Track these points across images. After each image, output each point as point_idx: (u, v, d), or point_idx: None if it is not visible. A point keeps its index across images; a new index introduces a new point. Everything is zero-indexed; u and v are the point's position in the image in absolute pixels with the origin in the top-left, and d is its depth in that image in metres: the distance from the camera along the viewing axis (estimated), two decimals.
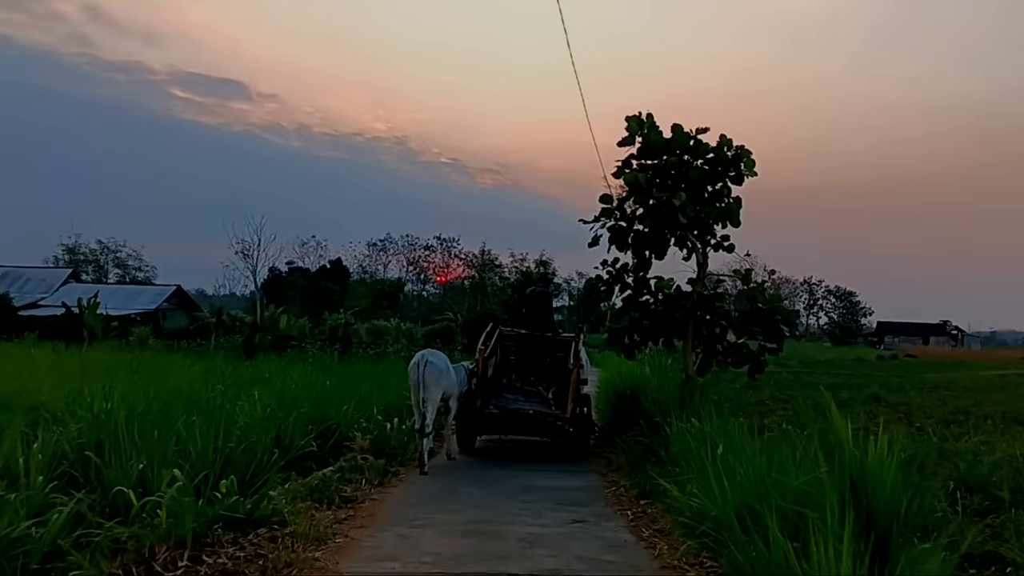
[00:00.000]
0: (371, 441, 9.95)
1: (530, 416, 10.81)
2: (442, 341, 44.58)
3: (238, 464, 7.18)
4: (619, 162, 9.64)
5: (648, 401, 10.12)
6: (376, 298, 59.10)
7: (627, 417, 11.65)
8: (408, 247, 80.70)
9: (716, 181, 9.46)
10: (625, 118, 9.46)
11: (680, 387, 9.78)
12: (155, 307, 51.05)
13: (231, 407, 9.37)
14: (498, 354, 12.23)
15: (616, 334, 10.26)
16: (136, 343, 31.71)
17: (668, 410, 8.94)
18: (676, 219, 9.08)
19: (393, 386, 14.22)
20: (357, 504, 7.44)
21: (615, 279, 10.21)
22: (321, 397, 11.17)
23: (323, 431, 10.05)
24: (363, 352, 33.72)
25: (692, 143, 9.41)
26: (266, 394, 10.83)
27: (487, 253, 55.62)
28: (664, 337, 10.04)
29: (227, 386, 12.23)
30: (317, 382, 13.32)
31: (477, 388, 10.90)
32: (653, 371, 13.24)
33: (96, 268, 70.92)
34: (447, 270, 76.18)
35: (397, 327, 51.15)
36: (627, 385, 12.40)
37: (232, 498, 6.37)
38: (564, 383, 11.32)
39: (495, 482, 8.65)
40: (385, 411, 12.46)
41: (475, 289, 55.17)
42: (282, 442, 8.95)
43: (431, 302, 76.06)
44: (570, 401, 10.63)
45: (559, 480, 8.95)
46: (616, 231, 9.82)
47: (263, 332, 31.33)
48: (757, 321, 9.66)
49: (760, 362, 9.81)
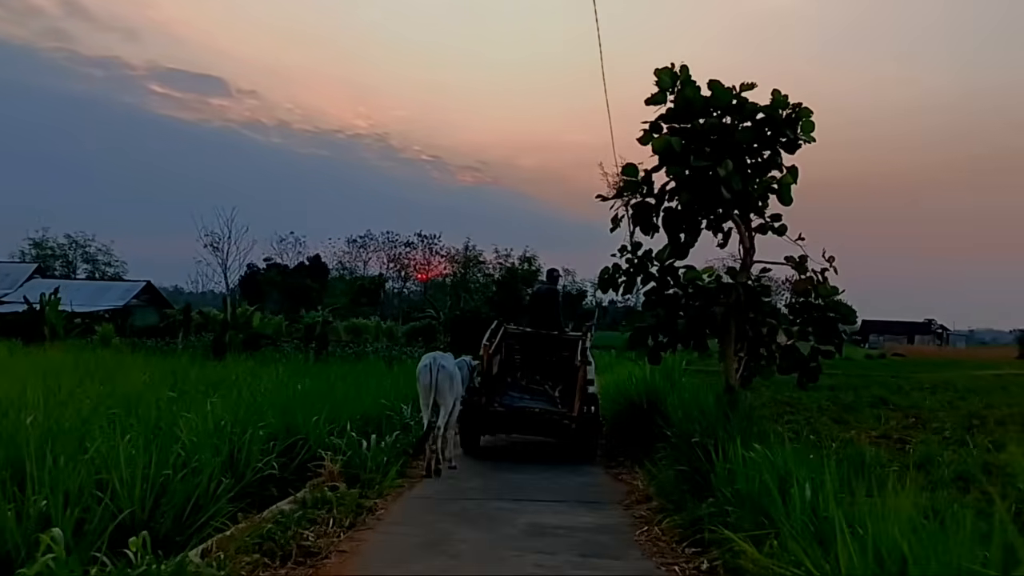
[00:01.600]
0: (343, 464, 8.19)
1: (536, 414, 10.56)
2: (424, 340, 42.90)
3: (176, 496, 5.64)
4: (645, 124, 7.89)
5: (679, 416, 8.35)
6: (355, 295, 57.14)
7: (642, 432, 10.00)
8: (388, 244, 79.17)
9: (766, 148, 7.73)
10: (654, 71, 7.71)
11: (719, 398, 8.05)
12: (124, 304, 49.09)
13: (181, 418, 7.67)
14: (502, 352, 11.87)
15: (639, 334, 8.51)
16: (99, 342, 29.82)
17: (712, 428, 7.21)
18: (719, 193, 7.34)
19: (371, 390, 12.49)
20: (320, 560, 5.65)
21: (637, 268, 8.47)
22: (288, 405, 9.43)
23: (289, 447, 8.40)
24: (341, 351, 32.04)
25: (735, 102, 7.69)
26: (226, 401, 9.21)
27: (471, 248, 53.69)
28: (697, 338, 8.31)
29: (181, 392, 10.52)
30: (288, 385, 11.65)
31: (482, 386, 10.61)
32: (663, 376, 11.61)
33: (64, 263, 68.43)
34: (428, 267, 74.65)
35: (377, 325, 49.31)
36: (641, 393, 10.68)
37: (143, 564, 4.58)
38: (571, 382, 11.08)
39: (498, 520, 6.88)
40: (362, 420, 10.74)
41: (457, 286, 53.29)
42: (236, 463, 7.26)
43: (412, 300, 74.28)
44: (577, 400, 10.32)
45: (576, 516, 7.19)
46: (641, 209, 8.07)
47: (234, 330, 29.43)
48: (812, 319, 7.97)
49: (814, 369, 8.12)
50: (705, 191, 7.45)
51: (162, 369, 14.64)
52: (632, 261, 8.56)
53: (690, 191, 7.47)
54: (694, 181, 7.49)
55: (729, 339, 7.90)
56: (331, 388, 11.66)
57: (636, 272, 8.47)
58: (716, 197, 7.43)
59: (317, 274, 72.65)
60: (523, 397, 11.29)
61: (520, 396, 11.30)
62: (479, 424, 10.75)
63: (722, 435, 6.98)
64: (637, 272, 8.48)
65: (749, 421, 7.34)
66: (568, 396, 10.94)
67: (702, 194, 7.49)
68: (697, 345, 8.38)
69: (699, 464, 7.05)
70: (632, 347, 8.71)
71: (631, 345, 8.71)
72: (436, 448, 9.12)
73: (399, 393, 13.21)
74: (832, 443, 8.68)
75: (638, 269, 8.48)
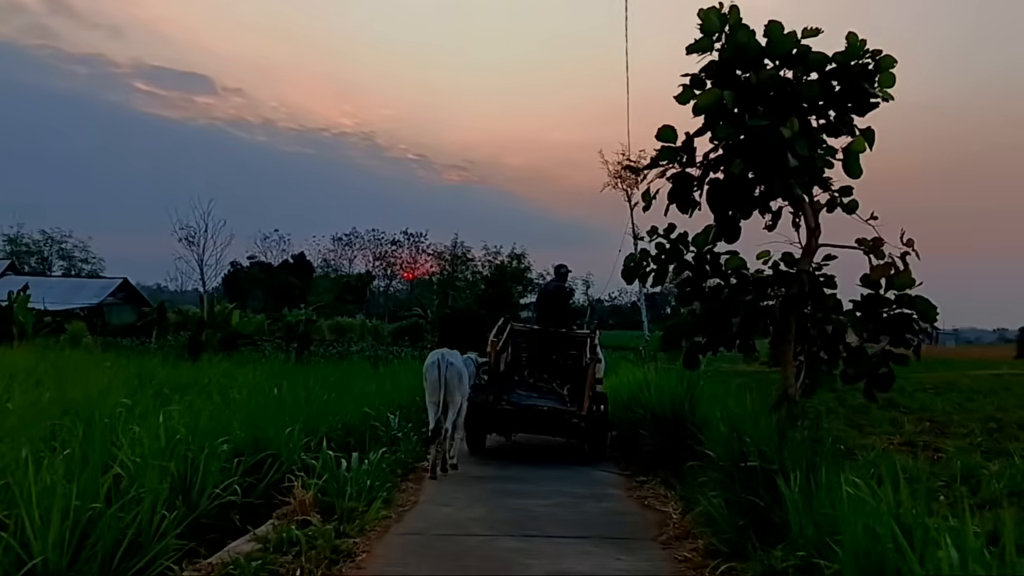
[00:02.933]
0: (318, 489, 6.76)
1: (545, 413, 10.39)
2: (410, 339, 41.52)
3: (105, 535, 4.38)
4: (685, 79, 6.46)
5: (723, 432, 6.89)
6: (341, 293, 55.54)
7: (668, 448, 8.62)
8: (374, 242, 77.86)
9: (836, 106, 6.33)
10: (699, 12, 6.25)
11: (772, 412, 6.65)
12: (99, 302, 47.47)
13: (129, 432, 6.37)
14: (509, 349, 11.72)
15: (673, 333, 7.09)
16: (68, 341, 28.28)
17: (773, 450, 5.80)
18: (783, 159, 5.94)
19: (355, 395, 11.07)
20: None
21: (670, 254, 7.06)
22: (256, 415, 8.05)
23: (258, 464, 7.05)
24: (324, 351, 30.67)
25: (795, 51, 6.28)
26: (190, 409, 7.97)
27: (460, 245, 52.12)
28: (744, 338, 6.90)
29: (139, 399, 9.09)
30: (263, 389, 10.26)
31: (489, 384, 10.46)
32: (679, 380, 10.19)
33: (40, 260, 66.46)
34: (415, 266, 73.26)
35: (362, 324, 47.78)
36: (663, 402, 9.27)
37: None
38: (579, 380, 11.01)
39: (510, 566, 5.46)
40: (343, 431, 9.36)
41: (445, 284, 51.80)
42: (189, 490, 5.98)
43: (398, 298, 72.86)
44: (587, 398, 10.18)
45: (606, 559, 5.73)
46: (680, 182, 6.64)
47: (212, 329, 27.89)
48: (883, 316, 6.58)
49: (886, 376, 6.73)
50: (764, 158, 6.04)
51: (129, 371, 13.29)
52: (664, 246, 7.14)
53: (745, 157, 6.04)
54: (750, 146, 6.07)
55: (788, 339, 6.49)
56: (310, 394, 10.26)
57: (669, 258, 7.05)
58: (778, 165, 6.01)
59: (302, 272, 71.82)
60: (531, 395, 11.07)
61: (528, 394, 11.08)
62: (486, 423, 10.53)
63: (788, 459, 5.60)
64: (670, 259, 7.06)
65: (817, 443, 5.92)
66: (577, 394, 10.80)
67: (760, 161, 6.07)
68: (743, 346, 6.97)
69: (756, 494, 5.68)
70: (665, 348, 7.25)
71: (664, 346, 7.26)
72: (443, 448, 8.90)
73: (385, 398, 11.81)
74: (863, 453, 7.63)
75: (671, 255, 7.07)
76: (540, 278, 62.98)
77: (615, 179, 21.31)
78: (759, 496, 5.65)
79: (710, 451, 6.87)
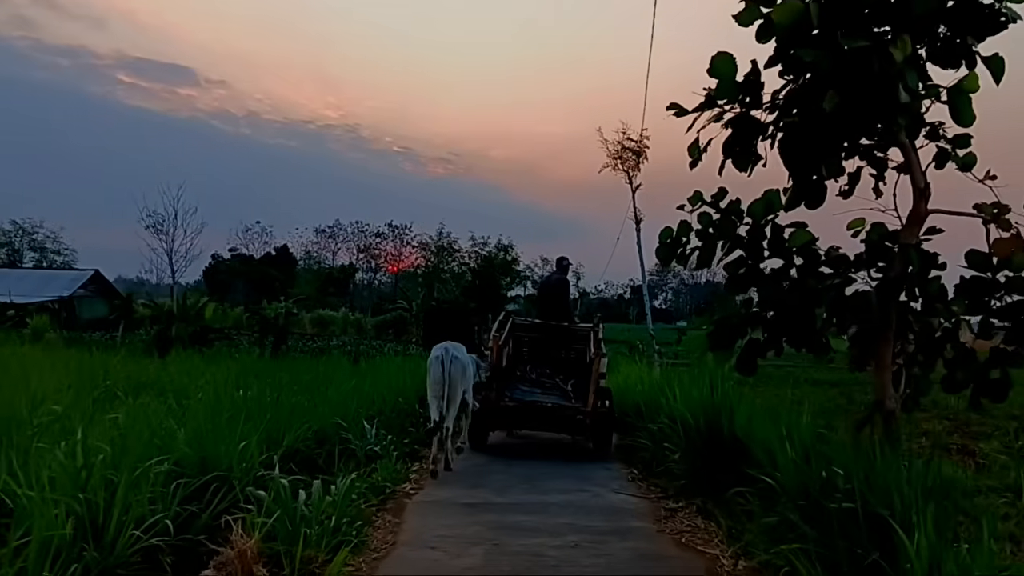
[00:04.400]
0: (267, 532, 5.17)
1: (548, 409, 10.17)
2: (394, 333, 39.94)
3: None
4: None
5: (795, 455, 5.31)
6: (323, 285, 53.73)
7: (704, 468, 7.07)
8: (358, 234, 76.24)
9: (951, 25, 4.76)
10: None
11: (859, 426, 5.10)
12: (70, 294, 45.42)
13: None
14: (510, 345, 11.49)
15: (725, 329, 5.52)
16: (30, 336, 26.57)
17: (875, 490, 4.25)
18: (891, 93, 4.36)
19: (330, 397, 9.52)
20: None
21: (720, 228, 5.50)
22: (206, 426, 6.54)
23: (201, 488, 5.58)
24: (304, 345, 29.11)
25: None
26: (127, 418, 6.48)
27: (446, 236, 50.27)
28: (819, 335, 5.33)
29: (74, 406, 7.53)
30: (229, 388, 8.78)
31: (491, 380, 10.22)
32: (710, 385, 8.64)
33: (11, 251, 64.20)
34: (400, 258, 71.70)
35: (344, 317, 46.04)
36: (695, 413, 7.69)
37: None
38: (583, 375, 10.85)
39: None
40: (315, 441, 7.83)
41: (430, 276, 50.08)
42: (104, 528, 4.57)
43: (382, 291, 71.29)
44: (591, 394, 9.93)
45: None
46: (741, 127, 5.05)
47: (183, 322, 26.18)
48: (997, 306, 5.04)
49: (1000, 382, 5.19)
50: (864, 92, 4.46)
51: (84, 369, 11.61)
52: (709, 218, 5.58)
53: (841, 91, 4.45)
54: (844, 76, 4.48)
55: (887, 336, 4.92)
56: (278, 396, 8.70)
57: (720, 233, 5.49)
58: (883, 101, 4.44)
59: (284, 265, 70.45)
60: (534, 391, 10.80)
61: (531, 390, 10.83)
62: (489, 419, 10.21)
63: (906, 499, 4.06)
64: (721, 233, 5.49)
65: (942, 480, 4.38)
66: (581, 390, 10.50)
67: (859, 97, 4.49)
68: (816, 345, 5.41)
69: (858, 543, 4.15)
70: (715, 348, 5.64)
71: (713, 345, 5.64)
72: (447, 447, 8.62)
73: (363, 399, 10.22)
74: None
75: (721, 229, 5.50)
76: (528, 270, 61.50)
77: (615, 159, 19.62)
78: (862, 548, 4.12)
79: (769, 479, 5.33)
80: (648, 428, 9.03)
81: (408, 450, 9.40)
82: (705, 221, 5.59)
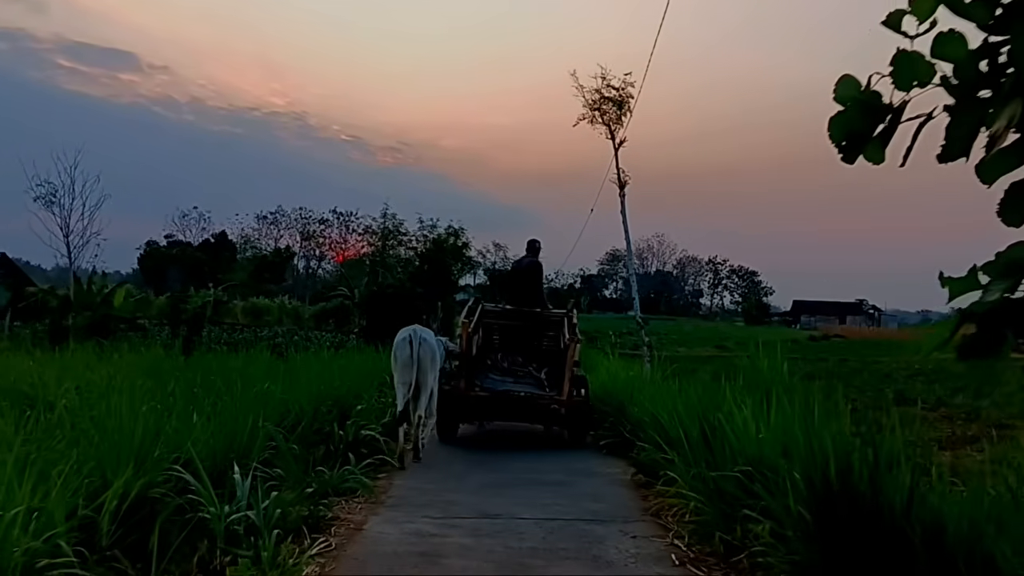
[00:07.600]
0: None
1: (522, 399, 9.91)
2: (335, 323, 36.89)
3: None
4: None
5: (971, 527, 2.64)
6: (256, 271, 50.24)
7: None
8: (301, 220, 72.89)
9: None
10: None
11: None
12: None
13: None
14: (480, 332, 11.14)
15: (990, 327, 1.97)
16: None
17: None
18: None
19: (229, 409, 6.57)
20: None
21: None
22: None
23: None
24: (228, 337, 25.95)
25: None
26: None
27: (391, 218, 46.96)
28: None
29: None
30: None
31: (461, 368, 9.96)
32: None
33: None
34: (345, 247, 68.70)
35: (281, 306, 42.82)
36: (815, 461, 4.96)
37: None
38: (557, 363, 10.65)
39: None
40: (139, 503, 4.86)
41: (375, 263, 46.98)
42: None
43: (327, 280, 68.20)
44: (567, 382, 9.72)
45: None
46: None
47: (88, 311, 22.91)
48: None
49: None
50: None
51: None
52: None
53: None
54: None
55: None
56: (170, 404, 5.74)
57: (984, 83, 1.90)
58: None
59: (221, 251, 67.54)
60: (506, 380, 10.58)
61: (503, 379, 10.62)
62: (459, 411, 9.96)
63: None
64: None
65: None
66: (556, 378, 10.33)
67: None
68: None
69: None
70: (967, 356, 2.34)
71: (964, 353, 2.32)
72: (413, 436, 8.42)
73: (273, 411, 7.24)
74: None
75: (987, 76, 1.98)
76: (480, 256, 58.80)
77: (593, 111, 16.79)
78: None
79: None
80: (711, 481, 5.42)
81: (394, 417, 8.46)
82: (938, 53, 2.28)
